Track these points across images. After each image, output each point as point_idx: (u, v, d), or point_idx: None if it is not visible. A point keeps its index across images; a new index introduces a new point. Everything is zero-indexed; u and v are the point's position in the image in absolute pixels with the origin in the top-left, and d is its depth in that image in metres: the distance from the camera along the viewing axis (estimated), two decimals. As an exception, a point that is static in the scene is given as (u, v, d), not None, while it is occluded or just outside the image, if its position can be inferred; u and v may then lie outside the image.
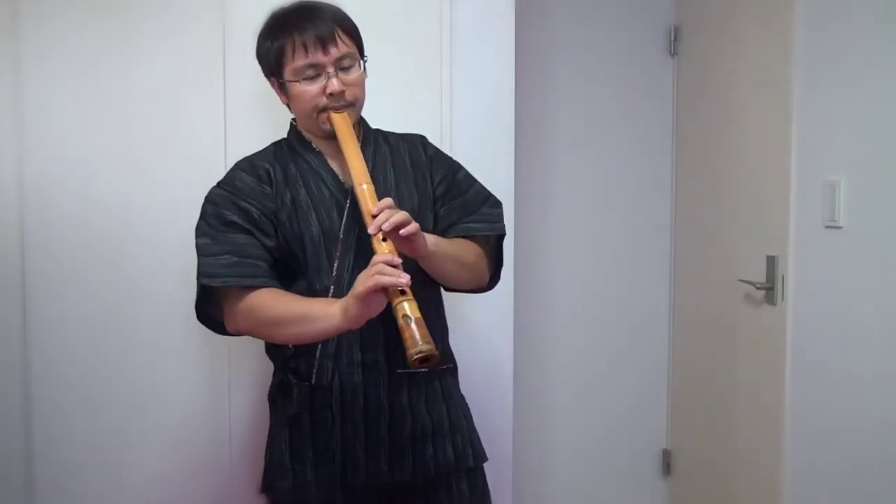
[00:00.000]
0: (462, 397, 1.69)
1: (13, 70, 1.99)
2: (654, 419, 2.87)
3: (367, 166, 1.52)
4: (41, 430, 2.04)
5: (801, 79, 1.97)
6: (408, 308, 1.28)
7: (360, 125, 1.64)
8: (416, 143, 1.67)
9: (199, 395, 2.07)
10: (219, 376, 2.07)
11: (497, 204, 1.68)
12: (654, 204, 2.82)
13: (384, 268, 1.29)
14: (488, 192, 1.68)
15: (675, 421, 2.84)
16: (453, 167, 1.68)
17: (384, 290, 1.30)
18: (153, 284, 2.04)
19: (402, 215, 1.37)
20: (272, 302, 1.47)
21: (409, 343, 1.26)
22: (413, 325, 1.26)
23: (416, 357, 1.25)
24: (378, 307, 1.33)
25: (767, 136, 2.14)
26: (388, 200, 1.40)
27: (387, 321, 1.48)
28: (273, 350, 1.65)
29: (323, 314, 1.40)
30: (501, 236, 1.67)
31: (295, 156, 1.60)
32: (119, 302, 2.04)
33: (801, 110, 1.97)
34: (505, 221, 1.71)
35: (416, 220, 1.49)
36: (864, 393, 1.75)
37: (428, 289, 1.59)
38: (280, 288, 1.51)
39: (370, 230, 1.36)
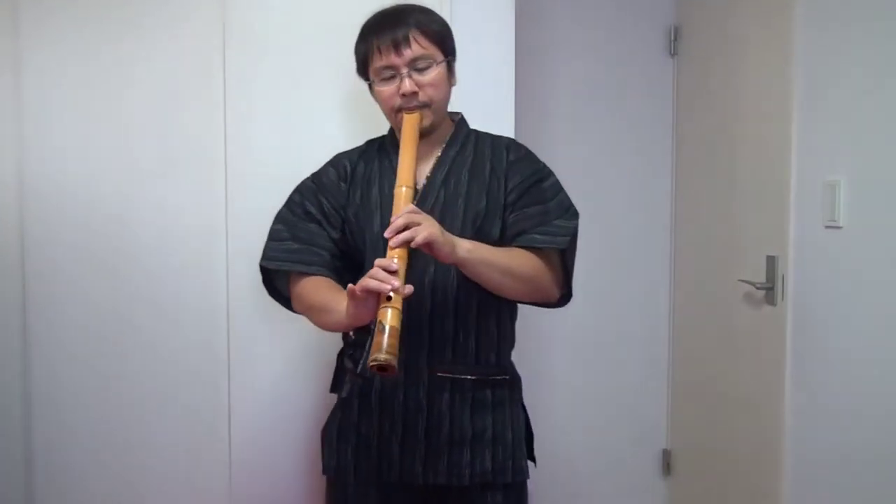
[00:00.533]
0: (520, 411, 1.65)
1: (13, 70, 1.99)
2: (654, 419, 2.87)
3: (443, 169, 1.58)
4: (41, 429, 2.04)
5: (801, 79, 1.97)
6: (389, 315, 1.29)
7: (455, 125, 1.65)
8: (502, 148, 1.64)
9: (198, 397, 2.07)
10: (218, 378, 2.07)
11: (573, 216, 1.59)
12: (654, 204, 2.82)
13: (377, 272, 1.32)
14: (570, 203, 1.61)
15: (675, 421, 2.84)
16: (538, 174, 1.61)
17: (377, 293, 1.32)
18: (153, 285, 2.05)
19: (409, 219, 1.36)
20: (313, 290, 1.55)
21: (372, 348, 1.28)
22: (384, 333, 1.27)
23: (371, 364, 1.26)
24: (374, 308, 1.34)
25: (767, 136, 2.14)
26: (410, 206, 1.41)
27: (432, 323, 1.52)
28: (343, 334, 1.68)
29: (334, 308, 1.46)
30: (564, 251, 1.58)
31: (382, 154, 1.65)
32: (119, 302, 2.04)
33: (801, 110, 1.97)
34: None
35: (479, 225, 1.53)
36: (864, 393, 1.75)
37: (487, 299, 1.57)
38: (332, 278, 1.57)
39: (385, 233, 1.38)
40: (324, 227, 1.60)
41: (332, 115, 2.07)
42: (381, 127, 2.11)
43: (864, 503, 1.76)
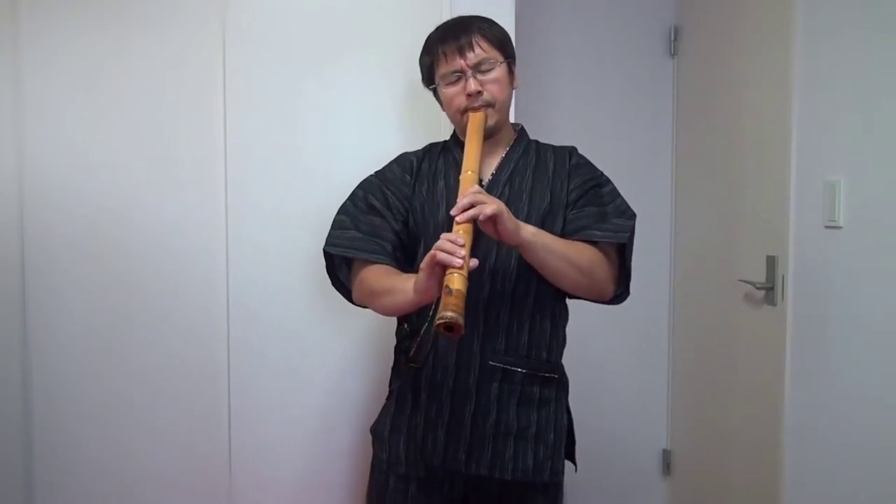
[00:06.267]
0: (563, 413, 1.68)
1: (13, 70, 1.99)
2: (654, 419, 2.87)
3: (508, 169, 1.65)
4: (41, 429, 2.04)
5: (801, 79, 1.97)
6: (455, 280, 1.33)
7: (518, 133, 1.72)
8: (564, 153, 1.71)
9: (198, 397, 2.07)
10: (218, 378, 2.07)
11: (631, 216, 1.65)
12: (654, 204, 2.82)
13: (444, 244, 1.36)
14: (628, 206, 1.67)
15: (675, 421, 2.84)
16: (598, 180, 1.68)
17: (444, 266, 1.36)
18: (153, 285, 2.05)
19: (474, 198, 1.41)
20: (375, 276, 1.61)
21: (440, 308, 1.32)
22: (451, 296, 1.32)
23: (439, 322, 1.31)
24: (441, 281, 1.37)
25: (767, 136, 2.14)
26: (476, 187, 1.46)
27: (488, 310, 1.56)
28: (397, 332, 1.73)
29: (401, 288, 1.50)
30: (623, 245, 1.62)
31: (446, 152, 1.72)
32: (118, 301, 2.04)
33: (801, 110, 1.97)
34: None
35: (542, 222, 1.58)
36: (865, 393, 1.75)
37: (544, 294, 1.61)
38: (393, 266, 1.62)
39: (452, 211, 1.43)
40: (387, 220, 1.66)
41: (332, 115, 2.07)
42: (383, 126, 2.12)
43: (864, 503, 1.76)
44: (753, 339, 2.23)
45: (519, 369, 1.59)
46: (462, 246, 1.36)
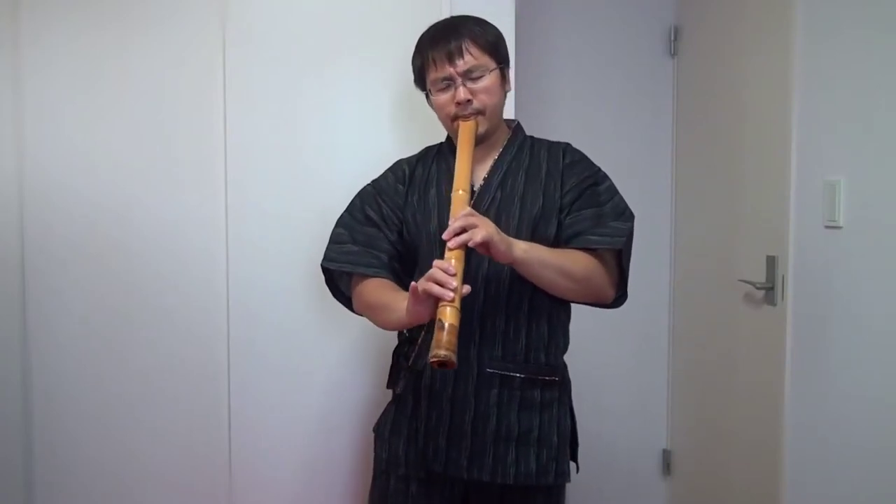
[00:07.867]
0: (566, 414, 1.67)
1: (13, 70, 1.99)
2: (654, 419, 2.87)
3: (500, 171, 1.63)
4: (41, 429, 2.04)
5: (801, 79, 1.97)
6: (448, 313, 1.34)
7: (512, 131, 1.70)
8: (559, 151, 1.68)
9: (198, 396, 2.07)
10: (218, 378, 2.07)
11: (628, 218, 1.62)
12: (654, 204, 2.82)
13: (437, 273, 1.35)
14: (626, 206, 1.64)
15: (675, 421, 2.84)
16: (594, 178, 1.65)
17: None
18: (153, 285, 2.05)
19: (465, 222, 1.39)
20: (373, 290, 1.61)
21: (433, 345, 1.32)
22: (444, 331, 1.32)
23: (432, 359, 1.32)
24: (433, 306, 1.38)
25: (767, 136, 2.14)
26: (467, 209, 1.44)
27: (483, 318, 1.56)
28: (398, 333, 1.72)
29: (396, 307, 1.50)
30: (620, 251, 1.59)
31: (440, 158, 1.70)
32: (118, 301, 2.04)
33: (801, 110, 1.97)
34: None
35: (536, 226, 1.57)
36: (865, 393, 1.75)
37: (539, 298, 1.60)
38: (391, 279, 1.63)
39: (443, 236, 1.41)
40: (382, 231, 1.65)
41: (332, 115, 2.07)
42: (383, 126, 2.12)
43: (864, 503, 1.76)
44: (753, 339, 2.23)
45: (517, 374, 1.58)
46: (454, 276, 1.35)
